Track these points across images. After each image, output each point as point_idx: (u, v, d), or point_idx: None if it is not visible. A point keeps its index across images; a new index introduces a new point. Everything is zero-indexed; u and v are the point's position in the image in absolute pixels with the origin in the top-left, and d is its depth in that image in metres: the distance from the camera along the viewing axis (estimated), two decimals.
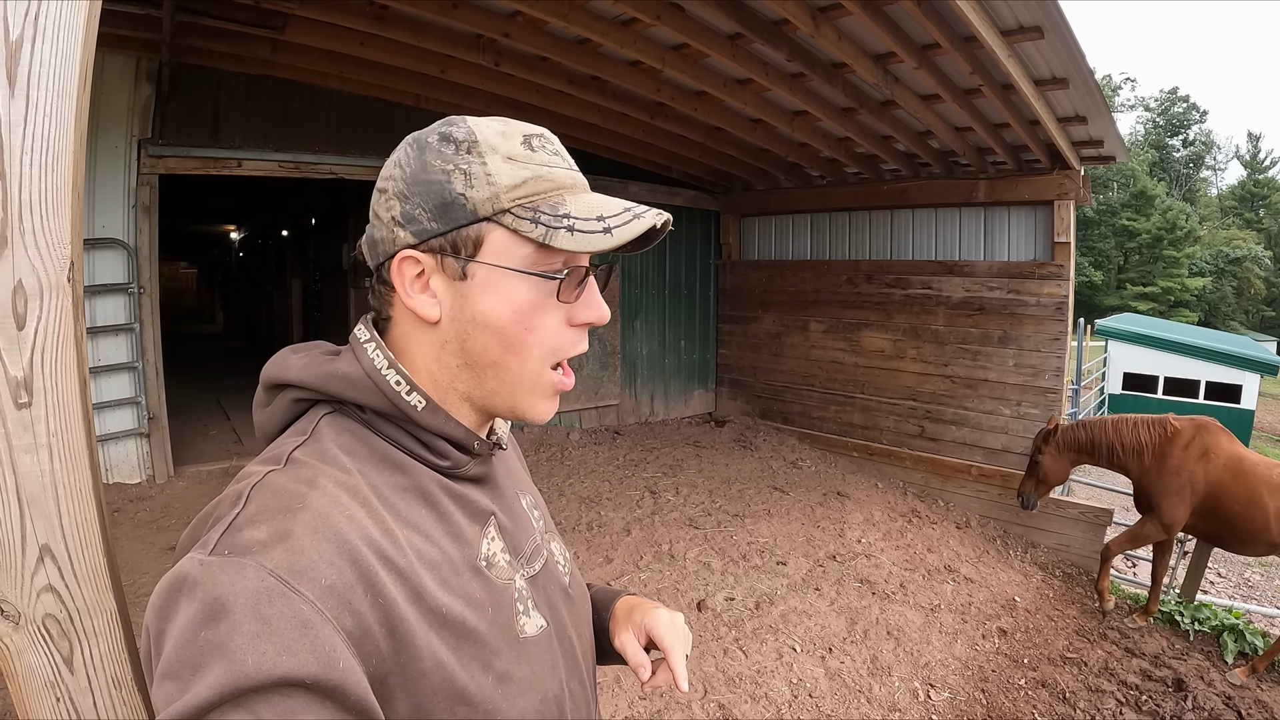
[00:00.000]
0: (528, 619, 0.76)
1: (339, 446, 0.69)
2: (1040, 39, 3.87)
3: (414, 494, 0.71)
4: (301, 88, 5.52)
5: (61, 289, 0.76)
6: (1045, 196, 5.88)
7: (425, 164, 0.70)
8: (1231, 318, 39.69)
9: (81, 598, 0.80)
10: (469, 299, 0.71)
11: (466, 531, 0.74)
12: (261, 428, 0.77)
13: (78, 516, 0.79)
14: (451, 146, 0.70)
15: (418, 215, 0.70)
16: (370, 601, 0.60)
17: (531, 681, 0.72)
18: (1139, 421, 4.57)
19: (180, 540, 0.67)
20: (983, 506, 6.17)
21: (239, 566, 0.55)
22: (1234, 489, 4.26)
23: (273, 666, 0.52)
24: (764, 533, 5.13)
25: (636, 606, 0.96)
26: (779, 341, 8.05)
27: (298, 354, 0.76)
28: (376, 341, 0.74)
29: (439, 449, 0.74)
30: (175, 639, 0.54)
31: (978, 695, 3.61)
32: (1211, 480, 4.32)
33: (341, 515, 0.62)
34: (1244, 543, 4.31)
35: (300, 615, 0.55)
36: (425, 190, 0.69)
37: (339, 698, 0.54)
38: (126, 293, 4.96)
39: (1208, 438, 4.42)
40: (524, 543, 0.82)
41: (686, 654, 0.88)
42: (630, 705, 3.04)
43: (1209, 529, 4.45)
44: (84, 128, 0.83)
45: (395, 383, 0.72)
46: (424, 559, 0.67)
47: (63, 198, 0.76)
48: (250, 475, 0.65)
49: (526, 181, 0.70)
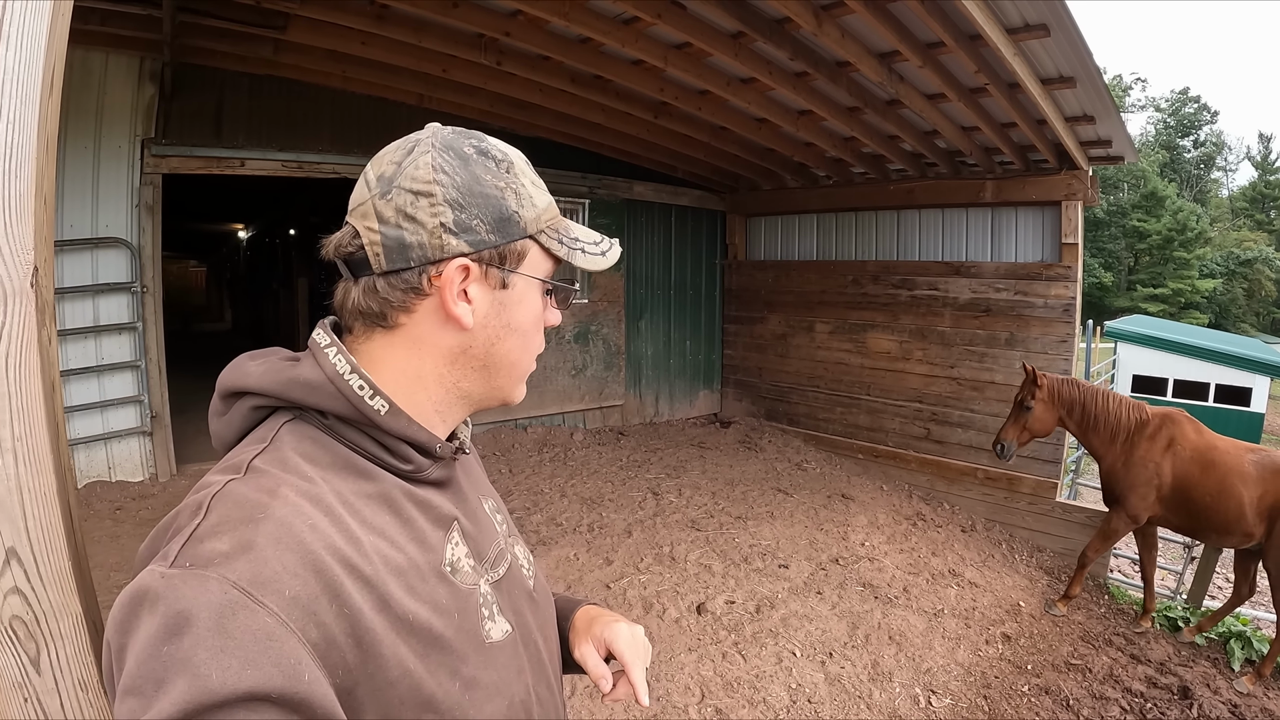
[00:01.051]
0: (493, 624, 0.76)
1: (300, 454, 0.68)
2: (1046, 37, 3.83)
3: (378, 500, 0.70)
4: (304, 87, 5.53)
5: (25, 294, 0.76)
6: (1053, 197, 5.83)
7: (476, 177, 0.73)
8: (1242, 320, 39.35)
9: (48, 600, 0.80)
10: (506, 306, 0.76)
11: (430, 537, 0.73)
12: (219, 436, 0.75)
13: (43, 520, 0.79)
14: (493, 163, 0.75)
15: (475, 226, 0.72)
16: (335, 612, 0.59)
17: (499, 686, 0.73)
18: (1124, 402, 4.53)
19: (139, 551, 0.66)
20: (988, 510, 6.13)
21: (201, 579, 0.55)
22: (1203, 481, 4.23)
23: (237, 681, 0.51)
24: (766, 535, 5.10)
25: (596, 618, 0.96)
26: (785, 342, 8.02)
27: (255, 360, 0.75)
28: (338, 346, 0.73)
29: (401, 453, 0.73)
30: (137, 654, 0.53)
31: (980, 702, 3.57)
32: (1179, 473, 4.29)
33: (304, 524, 0.61)
34: (1220, 533, 4.29)
35: (264, 628, 0.54)
36: (483, 203, 0.73)
37: (305, 711, 0.54)
38: (129, 292, 4.97)
39: (1173, 429, 4.39)
40: (488, 547, 0.82)
41: (646, 667, 0.90)
42: (626, 710, 3.01)
43: (1183, 522, 4.42)
44: (52, 133, 0.83)
45: (358, 387, 0.71)
46: (390, 565, 0.66)
47: (26, 204, 0.76)
48: (210, 485, 0.64)
49: (550, 207, 0.80)
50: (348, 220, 0.76)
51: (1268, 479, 4.13)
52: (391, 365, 0.75)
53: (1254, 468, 4.18)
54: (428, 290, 0.72)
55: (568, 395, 7.50)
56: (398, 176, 0.72)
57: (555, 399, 7.42)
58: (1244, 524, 4.11)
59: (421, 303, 0.73)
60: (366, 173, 0.76)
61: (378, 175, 0.74)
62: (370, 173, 0.75)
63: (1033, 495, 5.85)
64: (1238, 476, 4.16)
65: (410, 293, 0.72)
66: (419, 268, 0.71)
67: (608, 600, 4.01)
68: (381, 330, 0.75)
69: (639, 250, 8.12)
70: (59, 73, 0.84)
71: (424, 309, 0.73)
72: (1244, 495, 4.10)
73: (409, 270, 0.72)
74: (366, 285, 0.73)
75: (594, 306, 7.63)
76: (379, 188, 0.72)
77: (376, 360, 0.74)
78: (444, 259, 0.71)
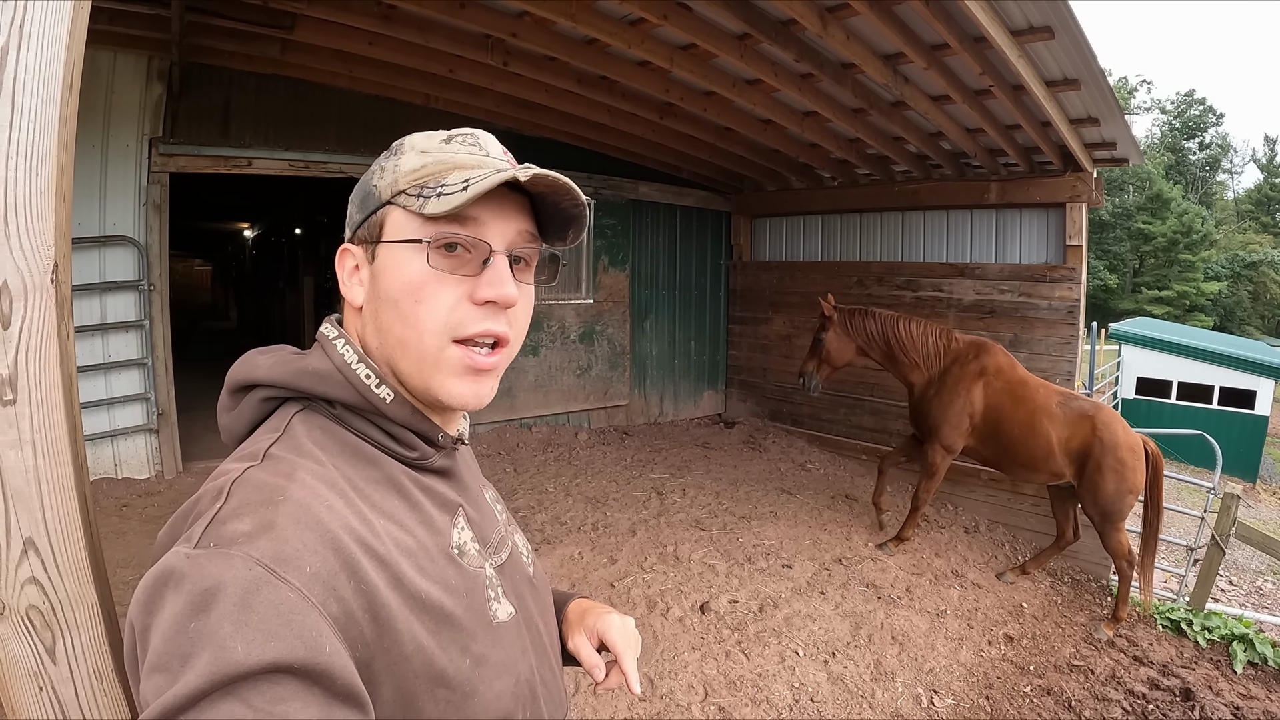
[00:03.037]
0: (499, 605, 0.78)
1: (312, 442, 0.71)
2: (1051, 39, 3.84)
3: (386, 485, 0.73)
4: (312, 87, 5.55)
5: (45, 290, 0.78)
6: (1057, 198, 5.83)
7: (374, 168, 0.78)
8: (1247, 322, 39.18)
9: (64, 590, 0.82)
10: (377, 277, 0.74)
11: (438, 521, 0.76)
12: (228, 430, 0.78)
13: (60, 511, 0.81)
14: (385, 153, 0.78)
15: (351, 213, 0.79)
16: (354, 588, 0.61)
17: (506, 665, 0.75)
18: (930, 328, 4.59)
19: (158, 538, 0.68)
20: (992, 511, 6.12)
21: (226, 557, 0.56)
22: (1014, 414, 4.32)
23: (262, 653, 0.53)
24: (770, 535, 5.11)
25: (589, 610, 0.99)
26: (789, 343, 8.02)
27: (264, 355, 0.78)
28: (345, 338, 0.77)
29: (407, 440, 0.76)
30: (163, 631, 0.54)
31: (982, 702, 3.57)
32: (991, 403, 4.35)
33: (322, 505, 0.63)
34: (1026, 469, 4.38)
35: (287, 602, 0.56)
36: (358, 191, 0.78)
37: (326, 682, 0.55)
38: (137, 289, 5.00)
39: (986, 359, 4.46)
40: (490, 533, 0.85)
41: (636, 657, 0.93)
42: (630, 707, 3.03)
43: (991, 454, 4.51)
44: (71, 131, 0.85)
45: (365, 376, 0.74)
46: (401, 546, 0.68)
47: (47, 201, 0.78)
48: (229, 472, 0.67)
49: (425, 166, 0.74)
50: None
51: (1073, 422, 4.26)
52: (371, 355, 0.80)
53: (1060, 410, 4.32)
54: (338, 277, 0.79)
55: (572, 395, 7.52)
56: None
57: (560, 398, 7.44)
58: (1052, 463, 4.22)
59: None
60: None
61: None
62: None
63: (1036, 497, 5.83)
64: (1046, 415, 4.26)
65: None
66: None
67: (612, 599, 4.02)
68: None
69: (644, 250, 8.13)
70: (78, 72, 0.86)
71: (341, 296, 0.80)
72: (1052, 434, 4.17)
73: None
74: None
75: (599, 307, 7.65)
76: None
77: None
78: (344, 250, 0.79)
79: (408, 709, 0.64)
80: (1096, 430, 4.26)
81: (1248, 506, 6.33)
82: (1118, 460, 4.23)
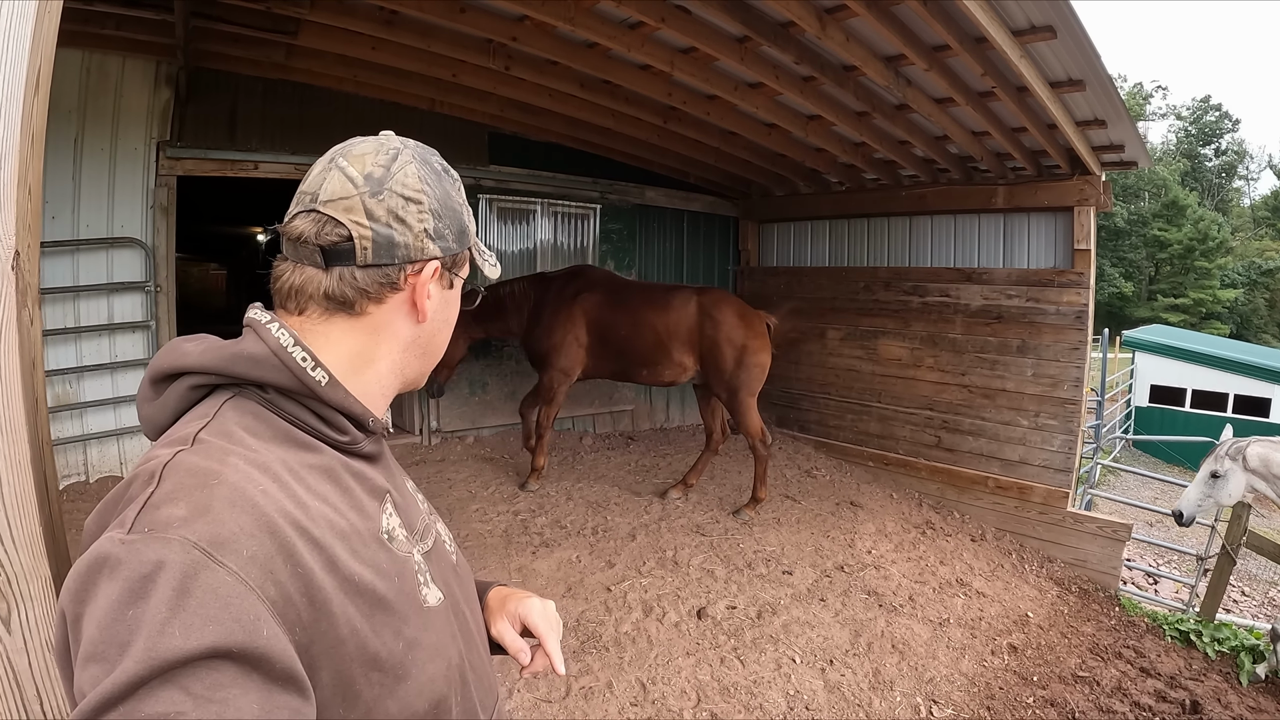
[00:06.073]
0: (429, 590, 0.79)
1: (242, 428, 0.71)
2: (1053, 39, 3.79)
3: (318, 470, 0.73)
4: (317, 91, 5.59)
5: (5, 276, 0.83)
6: (1065, 203, 5.77)
7: (447, 193, 0.84)
8: (1264, 330, 38.62)
9: (19, 563, 0.85)
10: (448, 303, 0.88)
11: (368, 506, 0.77)
12: (151, 420, 0.77)
13: (16, 487, 0.84)
14: (454, 181, 0.87)
15: (446, 234, 0.83)
16: (290, 571, 0.61)
17: (438, 648, 0.76)
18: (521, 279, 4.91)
19: (86, 525, 0.67)
20: (999, 519, 6.05)
21: (163, 541, 0.56)
22: (616, 320, 4.49)
23: (200, 638, 0.53)
24: (772, 541, 5.06)
25: (509, 596, 1.00)
26: (796, 349, 7.97)
27: (192, 342, 0.77)
28: (279, 322, 0.77)
29: (339, 424, 0.77)
30: (99, 620, 0.54)
31: (982, 713, 3.51)
32: (592, 319, 4.57)
33: (256, 489, 0.63)
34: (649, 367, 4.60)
35: (225, 586, 0.56)
36: (452, 216, 0.84)
37: (265, 666, 0.56)
38: (143, 290, 5.04)
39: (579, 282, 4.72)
40: (415, 520, 0.86)
41: (560, 639, 0.94)
42: (620, 711, 3.00)
43: (613, 366, 4.70)
44: (39, 128, 0.91)
45: (301, 359, 0.75)
46: (334, 529, 0.69)
47: (8, 193, 0.83)
48: (158, 456, 0.66)
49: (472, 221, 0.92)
50: (320, 209, 0.77)
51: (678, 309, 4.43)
52: (346, 347, 0.80)
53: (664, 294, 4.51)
54: (401, 285, 0.80)
55: (577, 399, 7.49)
56: (388, 180, 0.78)
57: (565, 403, 7.39)
58: (668, 354, 4.32)
59: (393, 295, 0.81)
60: (343, 167, 0.79)
61: (363, 174, 0.77)
62: (350, 169, 0.78)
63: (1044, 505, 5.77)
64: (650, 308, 4.42)
65: (387, 286, 0.79)
66: (400, 265, 0.79)
67: (608, 603, 4.00)
68: (345, 315, 0.79)
69: (651, 255, 8.12)
70: (45, 73, 0.90)
71: (394, 301, 0.81)
72: (658, 324, 4.26)
73: (391, 266, 0.79)
74: (343, 274, 0.78)
75: None
76: (368, 186, 0.77)
77: (333, 341, 0.79)
78: (422, 260, 0.81)
79: (346, 692, 0.65)
80: (704, 309, 4.43)
81: (1259, 516, 6.21)
82: (730, 335, 4.39)
